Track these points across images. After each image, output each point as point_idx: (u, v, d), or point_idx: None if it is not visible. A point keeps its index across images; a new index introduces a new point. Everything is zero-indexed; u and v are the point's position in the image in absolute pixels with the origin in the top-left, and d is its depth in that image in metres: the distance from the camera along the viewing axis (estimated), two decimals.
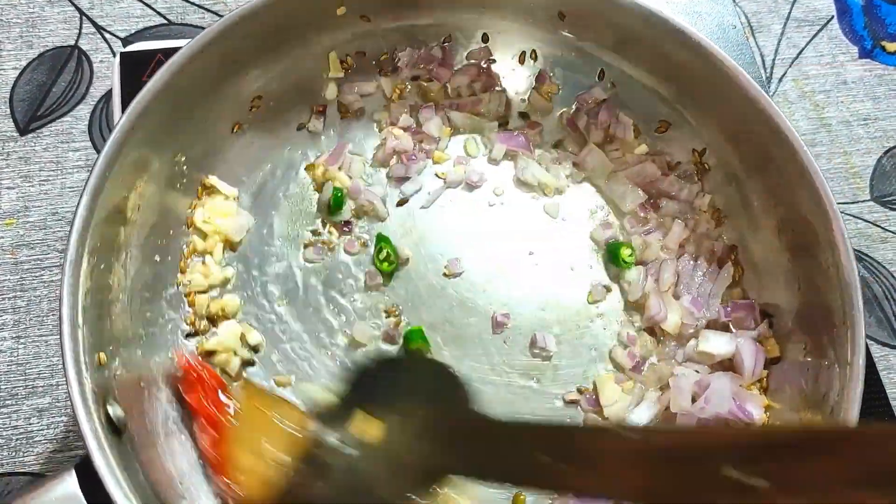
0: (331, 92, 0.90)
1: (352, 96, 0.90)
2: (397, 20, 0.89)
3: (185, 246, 0.82)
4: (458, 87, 0.91)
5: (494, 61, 0.92)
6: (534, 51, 0.92)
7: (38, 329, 0.86)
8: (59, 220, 0.91)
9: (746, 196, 0.83)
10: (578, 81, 0.91)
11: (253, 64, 0.84)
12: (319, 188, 0.87)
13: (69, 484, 0.61)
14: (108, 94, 0.98)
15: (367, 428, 0.65)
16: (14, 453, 0.81)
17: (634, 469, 0.52)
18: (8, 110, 0.96)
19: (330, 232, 0.86)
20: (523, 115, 0.92)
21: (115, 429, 0.65)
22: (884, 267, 0.97)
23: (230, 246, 0.84)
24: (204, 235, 0.82)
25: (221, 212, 0.83)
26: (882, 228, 0.99)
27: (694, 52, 0.80)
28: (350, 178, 0.87)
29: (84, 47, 1.01)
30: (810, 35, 1.11)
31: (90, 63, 1.00)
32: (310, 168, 0.88)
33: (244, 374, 0.79)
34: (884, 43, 1.11)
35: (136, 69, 0.86)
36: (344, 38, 0.89)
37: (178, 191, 0.81)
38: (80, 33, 1.01)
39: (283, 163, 0.88)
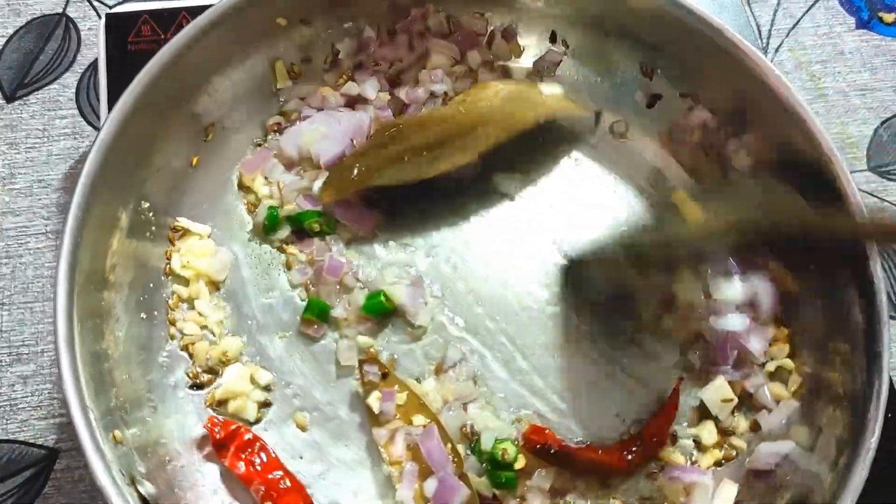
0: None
1: (294, 103, 0.86)
2: (339, 19, 0.86)
3: (168, 298, 0.78)
4: (402, 59, 0.88)
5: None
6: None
7: (23, 296, 0.85)
8: (45, 187, 0.90)
9: None
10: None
11: (202, 89, 0.80)
12: (251, 208, 0.82)
13: None
14: (95, 63, 0.97)
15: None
16: None
17: None
18: None
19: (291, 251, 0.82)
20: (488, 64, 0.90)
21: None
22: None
23: (215, 287, 0.79)
24: (186, 281, 0.78)
25: (199, 253, 0.79)
26: (880, 199, 0.98)
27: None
28: (271, 183, 0.83)
29: (72, 15, 1.00)
30: (807, 5, 1.09)
31: (77, 31, 0.99)
32: (240, 186, 0.84)
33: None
34: (881, 14, 1.09)
35: (121, 31, 0.85)
36: (288, 48, 0.85)
37: (148, 240, 0.77)
38: (67, 1, 1.00)
39: None
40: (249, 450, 0.70)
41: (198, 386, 0.75)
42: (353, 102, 0.85)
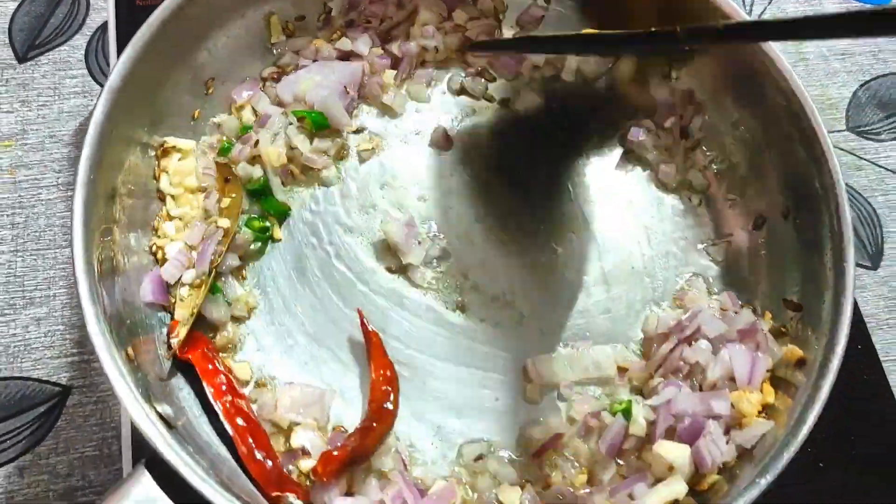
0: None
1: (289, 56, 0.89)
2: None
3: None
4: (392, 17, 0.91)
5: None
6: None
7: (36, 244, 0.88)
8: (57, 142, 0.94)
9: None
10: None
11: (201, 44, 0.83)
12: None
13: (145, 482, 0.60)
14: (103, 26, 1.01)
15: None
16: (13, 359, 0.83)
17: None
18: (7, 39, 0.99)
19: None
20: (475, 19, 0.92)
21: (168, 425, 0.65)
22: (859, 194, 1.00)
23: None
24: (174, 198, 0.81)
25: (185, 172, 0.81)
26: (857, 157, 1.02)
27: None
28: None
29: None
30: None
31: None
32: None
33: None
34: None
35: None
36: (283, 7, 0.88)
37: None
38: None
39: None
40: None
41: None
42: (346, 57, 0.88)
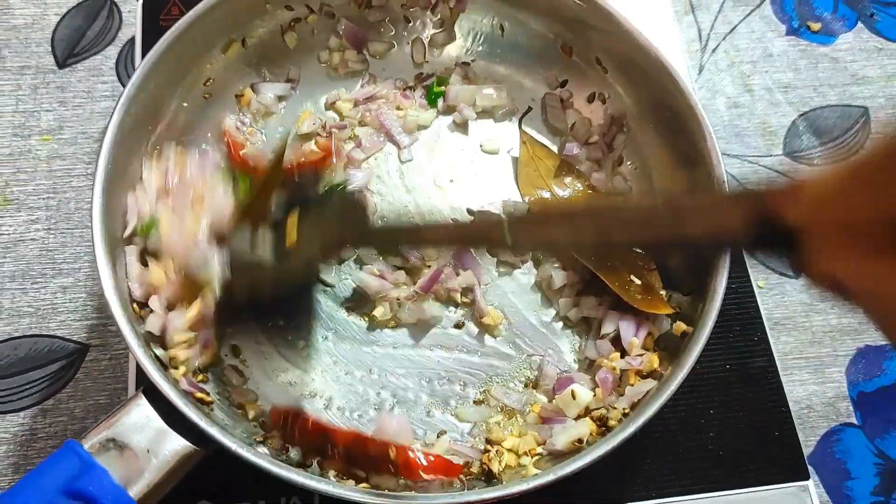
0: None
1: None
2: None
3: None
4: None
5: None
6: None
7: (66, 223, 1.03)
8: (87, 138, 1.09)
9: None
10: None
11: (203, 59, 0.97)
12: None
13: (142, 404, 0.72)
14: (132, 40, 1.16)
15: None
16: (41, 320, 0.98)
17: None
18: (49, 48, 1.14)
19: None
20: None
21: (163, 365, 0.79)
22: None
23: None
24: None
25: None
26: (790, 178, 1.14)
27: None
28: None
29: None
30: (744, 14, 1.26)
31: (119, 12, 1.18)
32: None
33: None
34: (809, 23, 1.26)
35: (155, 11, 1.04)
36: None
37: None
38: None
39: None
40: None
41: None
42: None
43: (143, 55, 0.97)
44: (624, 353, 0.88)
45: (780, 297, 1.07)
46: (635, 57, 0.94)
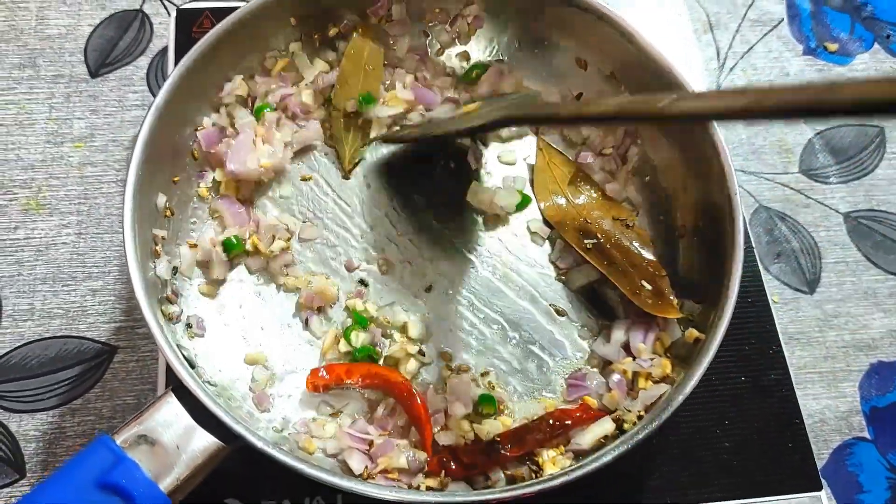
0: None
1: None
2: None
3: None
4: None
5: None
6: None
7: (97, 228, 1.06)
8: (118, 146, 1.12)
9: None
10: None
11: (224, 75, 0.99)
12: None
13: (172, 401, 0.75)
14: (163, 50, 1.19)
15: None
16: (71, 322, 1.01)
17: None
18: (83, 57, 1.18)
19: None
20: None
21: (191, 364, 0.83)
22: (804, 227, 1.14)
23: None
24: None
25: None
26: (805, 196, 1.16)
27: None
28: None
29: (147, 11, 1.22)
30: (762, 34, 1.29)
31: (151, 24, 1.21)
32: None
33: None
34: (827, 43, 1.28)
35: (187, 23, 1.07)
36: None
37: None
38: (144, 0, 1.23)
39: None
40: None
41: None
42: None
43: (176, 65, 1.00)
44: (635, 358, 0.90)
45: (795, 312, 1.08)
46: (650, 72, 0.96)
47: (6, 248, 1.04)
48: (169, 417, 0.74)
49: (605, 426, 0.84)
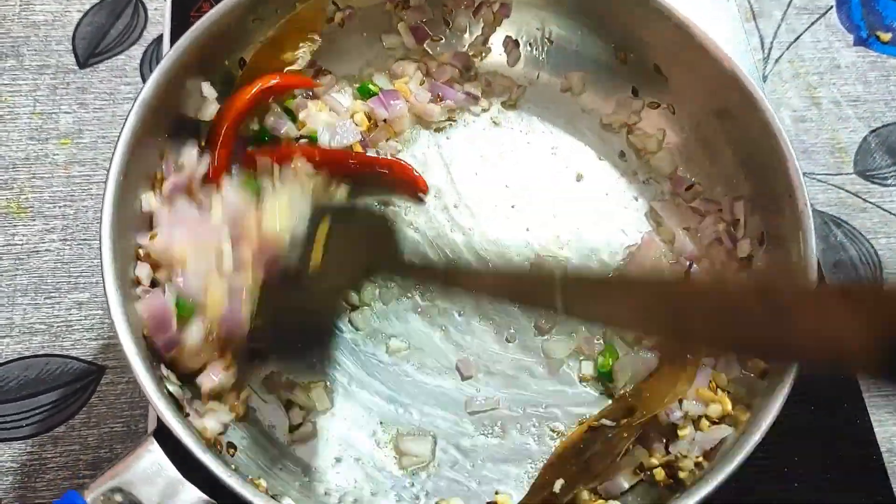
0: None
1: None
2: None
3: None
4: None
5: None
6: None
7: (84, 234, 0.96)
8: (109, 143, 1.02)
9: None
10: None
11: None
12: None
13: (154, 450, 0.65)
14: (158, 39, 1.09)
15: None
16: (55, 338, 0.91)
17: None
18: (70, 46, 1.08)
19: None
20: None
21: (177, 403, 0.71)
22: (861, 234, 1.04)
23: None
24: None
25: None
26: (862, 199, 1.06)
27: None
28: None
29: None
30: (809, 22, 1.18)
31: (145, 10, 1.11)
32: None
33: None
34: (879, 33, 1.18)
35: (185, 7, 0.97)
36: None
37: None
38: None
39: None
40: None
41: None
42: None
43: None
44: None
45: None
46: (698, 61, 0.86)
47: None
48: (150, 468, 0.63)
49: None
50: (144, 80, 1.04)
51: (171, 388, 0.72)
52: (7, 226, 0.96)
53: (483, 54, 1.01)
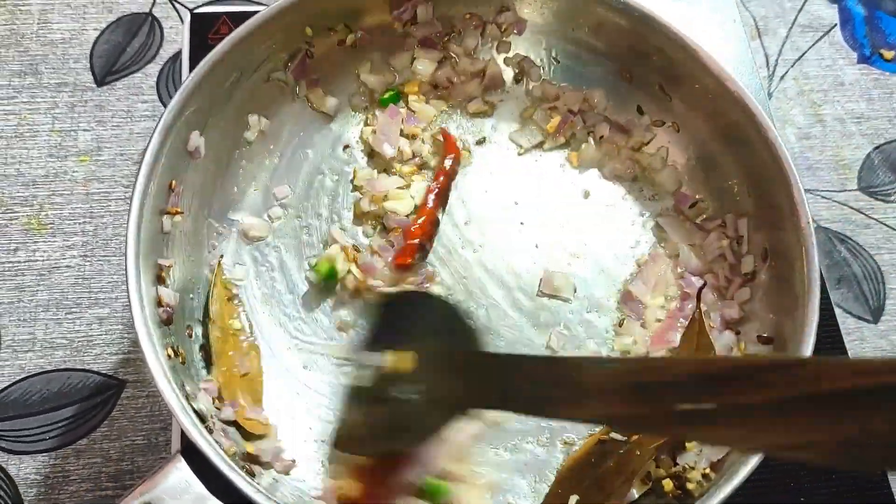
0: None
1: None
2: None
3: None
4: None
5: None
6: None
7: (103, 250, 0.98)
8: (126, 160, 1.04)
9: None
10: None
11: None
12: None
13: (181, 467, 0.67)
14: (175, 56, 1.11)
15: (400, 361, 0.67)
16: (75, 353, 0.93)
17: (614, 396, 0.55)
18: (88, 64, 1.10)
19: None
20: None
21: (202, 419, 0.72)
22: (865, 250, 1.06)
23: None
24: None
25: None
26: (866, 216, 1.08)
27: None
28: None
29: (157, 14, 1.14)
30: (813, 40, 1.20)
31: (161, 28, 1.13)
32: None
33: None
34: (882, 51, 1.20)
35: (203, 29, 0.99)
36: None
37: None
38: (154, 2, 1.15)
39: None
40: None
41: None
42: None
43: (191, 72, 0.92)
44: None
45: (859, 343, 1.00)
46: (703, 81, 0.88)
47: (5, 271, 0.96)
48: (178, 485, 0.65)
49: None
50: (161, 98, 1.08)
51: (196, 405, 0.74)
52: (28, 242, 0.98)
53: (489, 73, 1.02)
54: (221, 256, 0.87)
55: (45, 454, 0.88)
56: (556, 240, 0.94)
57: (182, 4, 1.15)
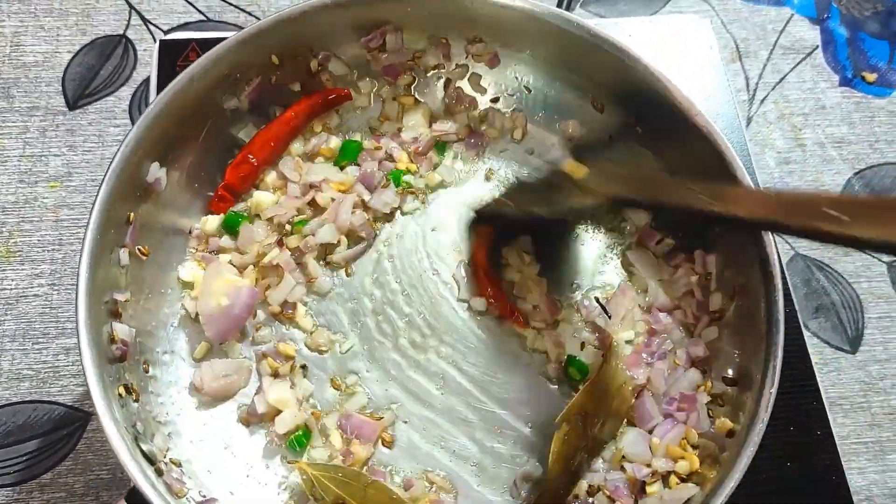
0: None
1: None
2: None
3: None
4: None
5: None
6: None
7: (72, 279, 0.97)
8: (97, 186, 1.02)
9: None
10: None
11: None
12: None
13: None
14: (148, 79, 1.10)
15: (576, 169, 0.86)
16: (41, 384, 0.92)
17: None
18: (60, 88, 1.09)
19: None
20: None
21: (151, 461, 0.72)
22: (844, 278, 1.05)
23: None
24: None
25: None
26: None
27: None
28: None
29: (131, 37, 1.13)
30: (794, 62, 1.19)
31: (135, 51, 1.12)
32: None
33: None
34: (864, 73, 1.19)
35: (172, 54, 0.98)
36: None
37: None
38: (128, 24, 1.14)
39: None
40: None
41: None
42: None
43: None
44: None
45: (837, 374, 0.99)
46: (672, 114, 0.87)
47: None
48: None
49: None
50: (133, 122, 1.06)
51: (144, 446, 0.73)
52: None
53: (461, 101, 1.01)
54: None
55: (8, 488, 0.87)
56: None
57: (156, 26, 1.14)
